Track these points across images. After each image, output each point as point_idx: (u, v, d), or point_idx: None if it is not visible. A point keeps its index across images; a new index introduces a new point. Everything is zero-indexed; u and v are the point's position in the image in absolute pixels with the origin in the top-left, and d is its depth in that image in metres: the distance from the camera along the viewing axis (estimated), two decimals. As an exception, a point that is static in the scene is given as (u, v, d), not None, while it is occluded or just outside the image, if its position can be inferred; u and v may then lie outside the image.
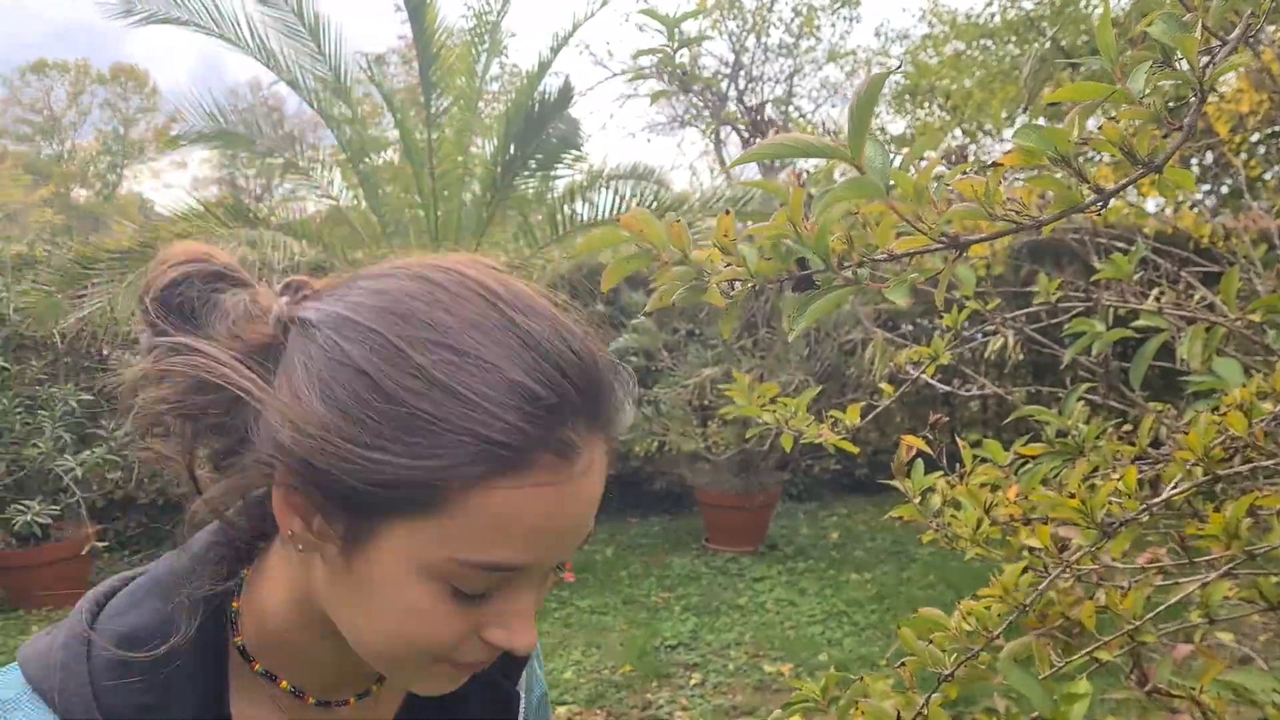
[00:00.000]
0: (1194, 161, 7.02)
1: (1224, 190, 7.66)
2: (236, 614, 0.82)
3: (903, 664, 1.22)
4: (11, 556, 5.71)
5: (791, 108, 14.25)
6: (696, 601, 5.87)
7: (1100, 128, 0.65)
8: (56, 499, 5.40)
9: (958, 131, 9.76)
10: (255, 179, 50.39)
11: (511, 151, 5.10)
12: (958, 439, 1.40)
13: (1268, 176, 6.97)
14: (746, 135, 12.97)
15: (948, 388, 1.94)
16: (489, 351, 0.68)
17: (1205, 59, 0.63)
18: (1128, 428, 1.37)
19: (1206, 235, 5.02)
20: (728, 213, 0.73)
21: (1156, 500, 1.10)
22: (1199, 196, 6.88)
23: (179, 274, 0.77)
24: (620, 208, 5.62)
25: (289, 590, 0.79)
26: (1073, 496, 1.10)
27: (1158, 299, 1.59)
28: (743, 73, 13.12)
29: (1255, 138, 6.65)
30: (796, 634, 5.28)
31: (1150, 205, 5.78)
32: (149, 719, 0.74)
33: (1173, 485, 1.12)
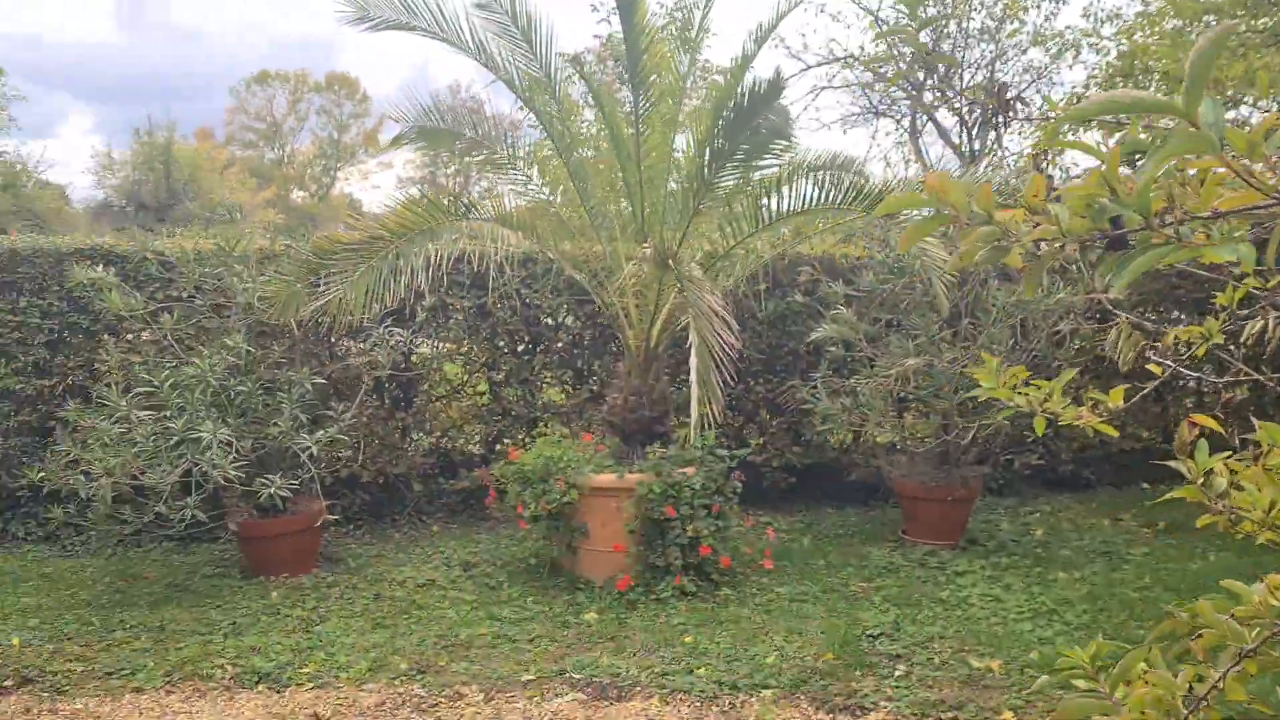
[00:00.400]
0: None
1: None
2: None
3: (1197, 637, 1.20)
4: (253, 527, 6.20)
5: (989, 96, 13.78)
6: (896, 593, 5.80)
7: None
8: (293, 475, 5.83)
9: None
10: (454, 178, 52.66)
11: (718, 143, 5.17)
12: (1254, 422, 1.35)
13: None
14: (975, 117, 12.58)
15: (1198, 374, 1.88)
16: None
17: None
18: None
19: None
20: (1040, 172, 0.76)
21: None
22: None
23: None
24: (822, 198, 5.60)
25: None
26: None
27: None
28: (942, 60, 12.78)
29: None
30: (1004, 630, 5.16)
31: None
32: None
33: None
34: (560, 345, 7.90)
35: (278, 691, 4.60)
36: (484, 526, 7.52)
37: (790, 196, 5.44)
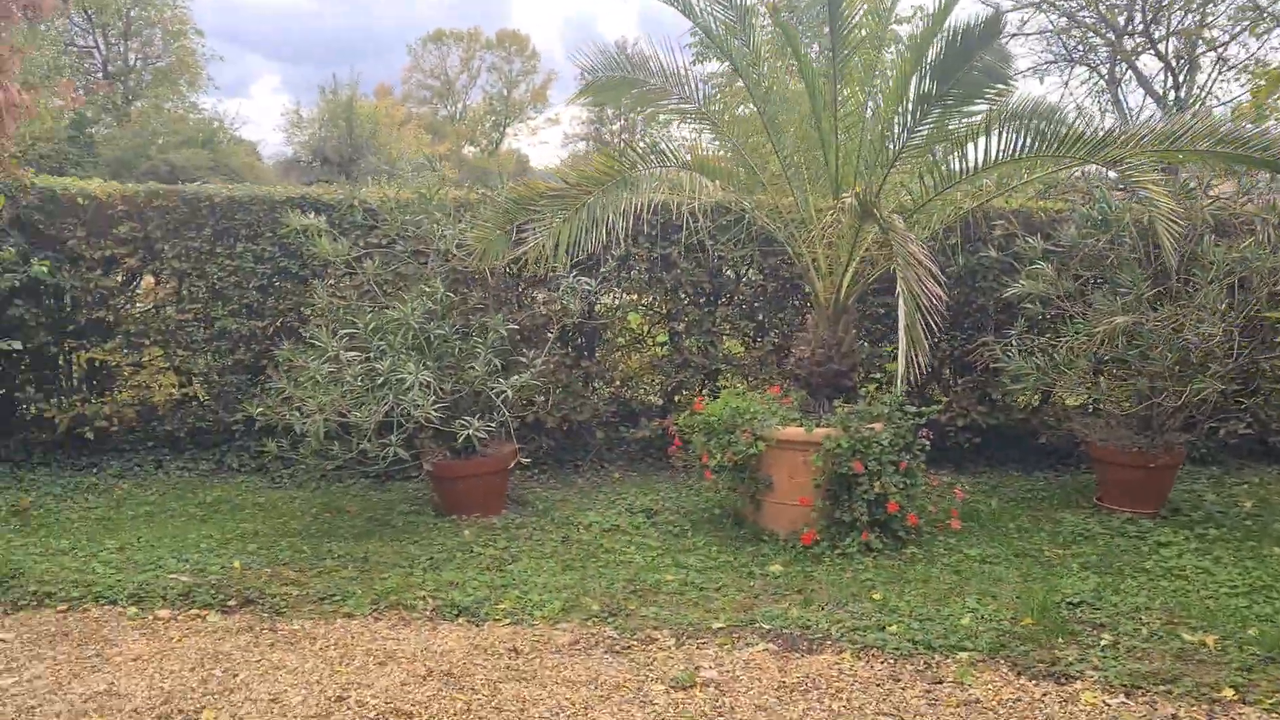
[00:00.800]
0: None
1: None
2: None
3: None
4: (447, 468, 6.44)
5: (1200, 40, 12.86)
6: (1095, 560, 5.57)
7: None
8: (488, 419, 6.00)
9: None
10: (618, 135, 53.01)
11: (925, 87, 4.98)
12: None
13: None
14: (1183, 63, 11.81)
15: None
16: None
17: None
18: None
19: None
20: None
21: None
22: None
23: None
24: (1031, 145, 5.33)
25: None
26: None
27: None
28: (1146, 4, 12.00)
29: None
30: (1216, 604, 4.88)
31: None
32: None
33: None
34: (742, 298, 7.85)
35: (476, 625, 4.77)
36: (663, 475, 7.59)
37: (999, 143, 5.20)
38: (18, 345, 6.77)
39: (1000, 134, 5.14)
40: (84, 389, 7.77)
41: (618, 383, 8.07)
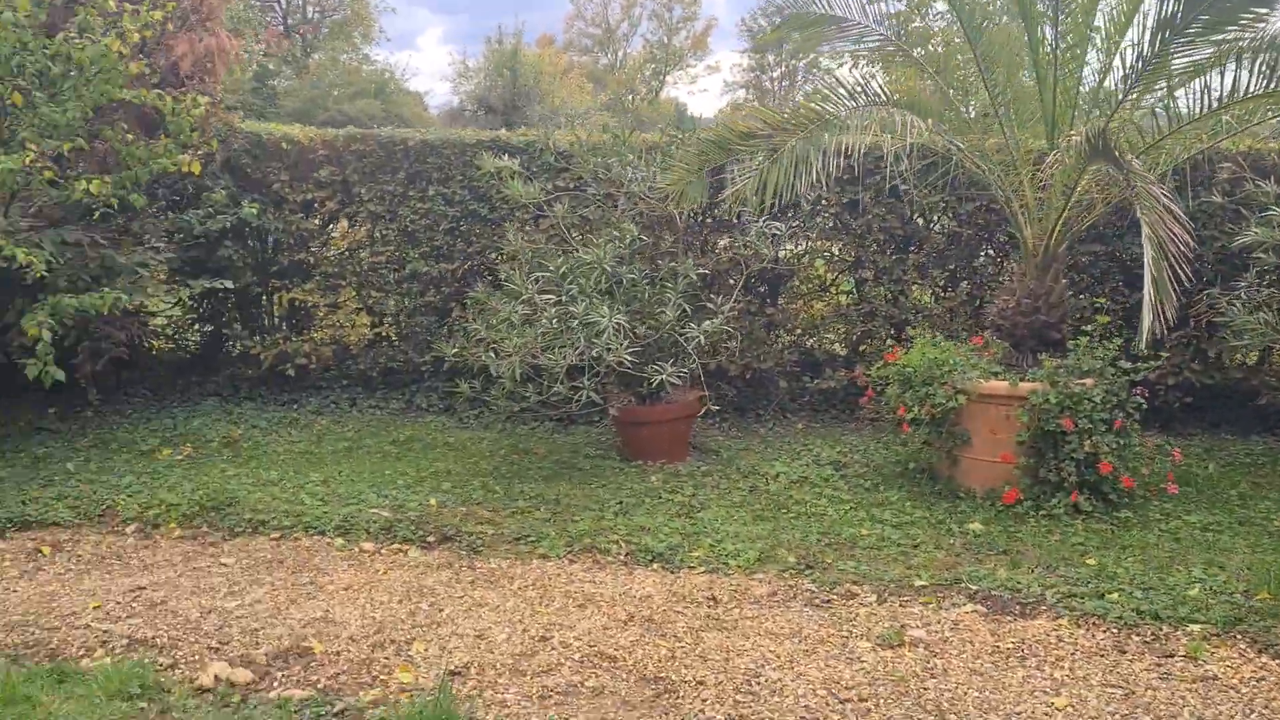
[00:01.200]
0: None
1: None
2: None
3: None
4: (633, 413, 6.42)
5: None
6: (1336, 534, 5.13)
7: None
8: (678, 364, 5.93)
9: None
10: (778, 81, 51.97)
11: (1168, 10, 4.56)
12: None
13: None
14: None
15: None
16: None
17: None
18: None
19: None
20: None
21: None
22: None
23: None
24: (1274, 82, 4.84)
25: None
26: None
27: None
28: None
29: None
30: None
31: None
32: None
33: None
34: (934, 245, 7.52)
35: (671, 572, 4.73)
36: (848, 427, 7.40)
37: (1250, 76, 4.73)
38: (229, 284, 7.08)
39: (1252, 66, 4.66)
40: (284, 328, 8.09)
41: (799, 331, 7.89)
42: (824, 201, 7.29)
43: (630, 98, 55.80)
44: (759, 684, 3.62)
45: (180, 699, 3.53)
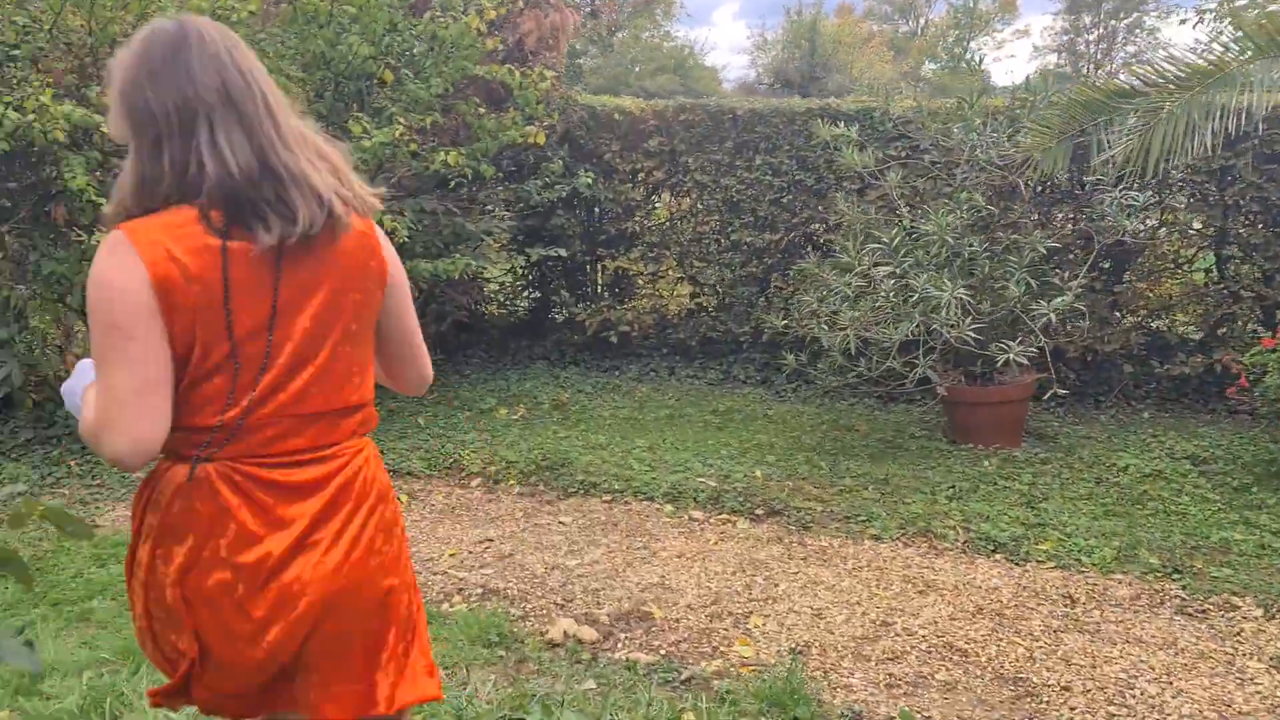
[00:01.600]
0: None
1: None
2: None
3: None
4: (964, 393, 6.08)
5: None
6: None
7: None
8: (1024, 343, 5.55)
9: None
10: (1095, 44, 48.15)
11: None
12: None
13: None
14: None
15: None
16: None
17: None
18: None
19: None
20: None
21: None
22: None
23: None
24: None
25: None
26: None
27: None
28: None
29: None
30: None
31: None
32: None
33: None
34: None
35: (1016, 564, 4.44)
36: (1203, 418, 6.69)
37: None
38: (563, 252, 7.35)
39: None
40: (607, 296, 8.32)
41: (1144, 312, 7.21)
42: (1186, 169, 6.59)
43: (932, 66, 53.68)
44: (1133, 697, 3.30)
45: (534, 651, 3.67)
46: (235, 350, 1.56)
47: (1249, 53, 4.16)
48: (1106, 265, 7.11)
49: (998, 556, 4.53)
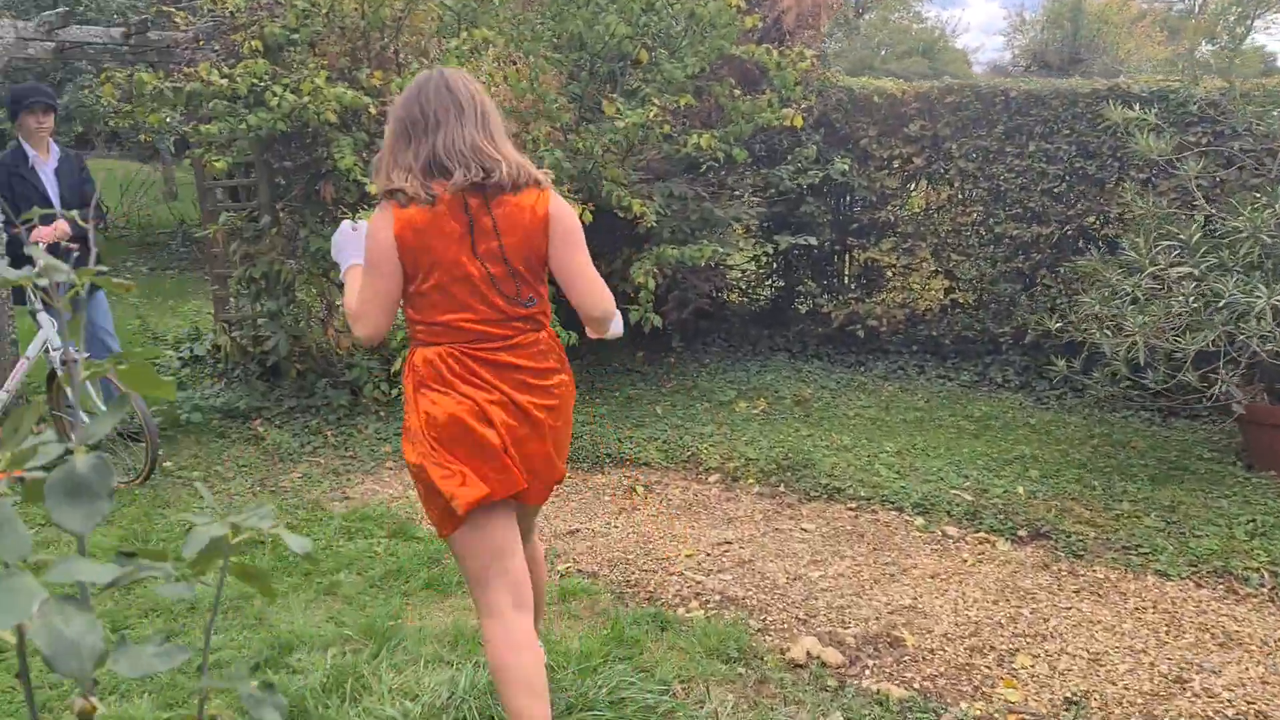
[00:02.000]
0: None
1: None
2: None
3: None
4: (1267, 412, 5.34)
5: None
6: None
7: None
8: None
9: None
10: None
11: None
12: None
13: None
14: None
15: None
16: None
17: None
18: None
19: None
20: None
21: None
22: None
23: None
24: None
25: None
26: None
27: None
28: None
29: None
30: None
31: None
32: None
33: None
34: None
35: (1337, 619, 3.80)
36: None
37: None
38: (812, 241, 7.01)
39: None
40: (854, 288, 7.92)
41: None
42: None
43: (1209, 47, 49.22)
44: None
45: (775, 670, 3.41)
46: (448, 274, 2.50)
47: None
48: None
49: (1321, 611, 3.90)
